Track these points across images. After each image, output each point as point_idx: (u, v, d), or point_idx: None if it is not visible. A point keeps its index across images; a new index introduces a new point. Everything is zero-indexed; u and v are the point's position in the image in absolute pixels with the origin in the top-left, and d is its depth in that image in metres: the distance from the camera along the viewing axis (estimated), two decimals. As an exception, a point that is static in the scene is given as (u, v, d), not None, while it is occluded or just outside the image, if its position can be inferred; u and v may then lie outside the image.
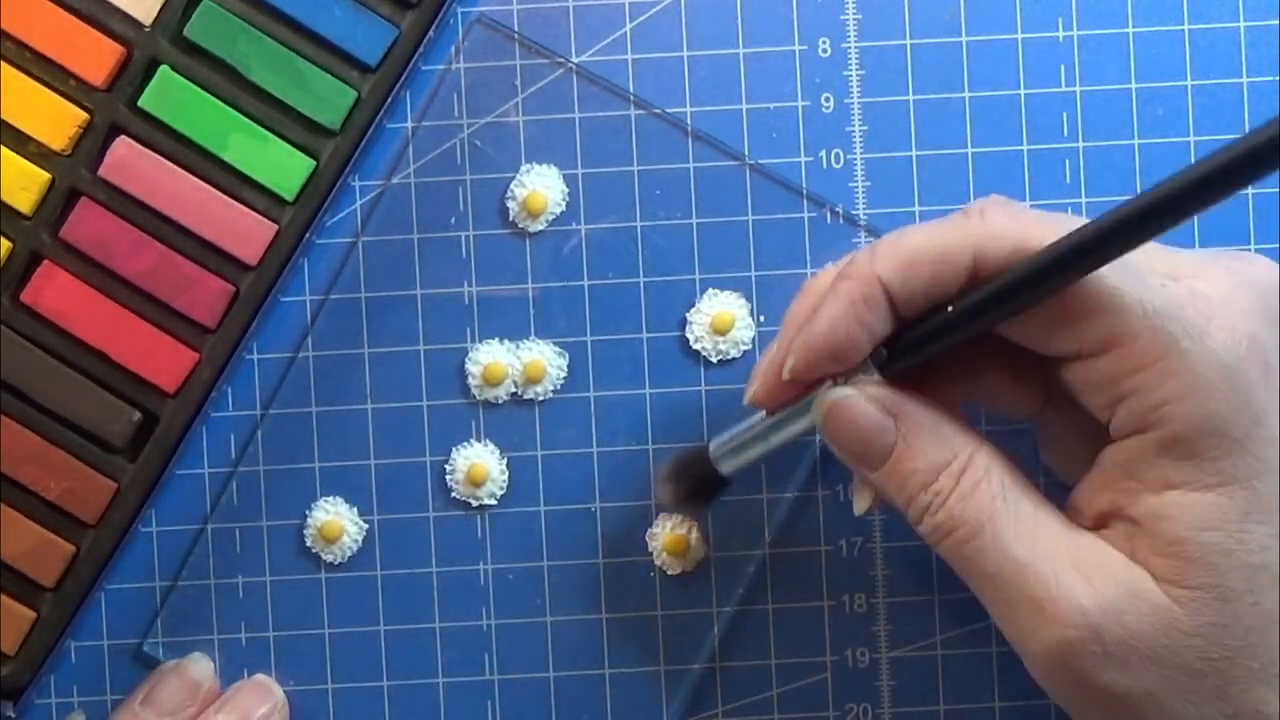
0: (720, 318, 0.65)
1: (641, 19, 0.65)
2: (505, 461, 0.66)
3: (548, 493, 0.66)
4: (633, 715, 0.66)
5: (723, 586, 0.66)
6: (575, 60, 0.65)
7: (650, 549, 0.65)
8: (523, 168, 0.65)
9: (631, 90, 0.65)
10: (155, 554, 0.66)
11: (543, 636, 0.66)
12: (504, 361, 0.65)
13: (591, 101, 0.65)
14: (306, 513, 0.66)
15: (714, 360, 0.65)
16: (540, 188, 0.65)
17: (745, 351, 0.65)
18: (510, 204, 0.65)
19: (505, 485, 0.65)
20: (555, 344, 0.65)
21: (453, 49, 0.65)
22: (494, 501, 0.65)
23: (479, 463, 0.65)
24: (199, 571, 0.66)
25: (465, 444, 0.65)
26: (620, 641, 0.66)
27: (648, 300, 0.65)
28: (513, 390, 0.66)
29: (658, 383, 0.65)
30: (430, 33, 0.64)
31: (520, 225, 0.65)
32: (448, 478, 0.65)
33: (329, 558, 0.65)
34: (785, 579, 0.66)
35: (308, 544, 0.66)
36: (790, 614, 0.66)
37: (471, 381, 0.65)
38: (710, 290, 0.65)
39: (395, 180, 0.65)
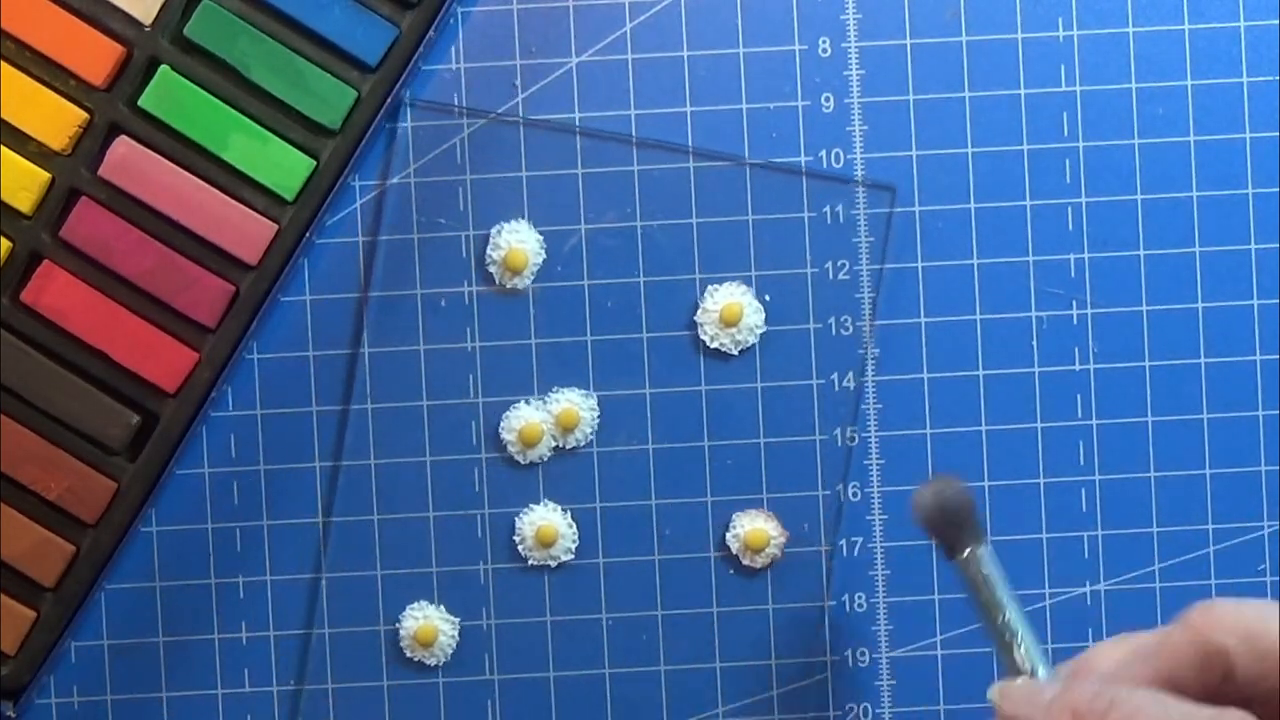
0: (729, 309, 0.65)
1: (641, 19, 0.65)
2: (569, 516, 0.65)
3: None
4: (633, 715, 0.66)
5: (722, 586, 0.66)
6: (575, 60, 0.65)
7: (731, 546, 0.65)
8: (494, 228, 0.65)
9: (631, 90, 0.65)
10: (155, 554, 0.66)
11: (543, 636, 0.66)
12: (537, 420, 0.65)
13: (591, 102, 0.65)
14: (398, 622, 0.65)
15: (735, 353, 0.65)
16: (516, 244, 0.65)
17: (763, 334, 0.65)
18: (491, 268, 0.65)
19: (576, 539, 0.65)
20: (581, 391, 0.65)
21: (453, 49, 0.65)
22: (570, 557, 0.65)
23: (546, 524, 0.65)
24: (199, 571, 0.66)
25: (527, 509, 0.65)
26: (621, 641, 0.66)
27: (650, 300, 0.65)
28: (553, 445, 0.65)
29: (669, 381, 0.65)
30: (430, 33, 0.64)
31: (508, 285, 0.65)
32: (519, 547, 0.65)
33: (431, 661, 0.65)
34: (785, 578, 0.66)
35: (405, 652, 0.65)
36: (790, 614, 0.66)
37: (512, 449, 0.65)
38: (710, 287, 0.65)
39: (395, 180, 0.65)
